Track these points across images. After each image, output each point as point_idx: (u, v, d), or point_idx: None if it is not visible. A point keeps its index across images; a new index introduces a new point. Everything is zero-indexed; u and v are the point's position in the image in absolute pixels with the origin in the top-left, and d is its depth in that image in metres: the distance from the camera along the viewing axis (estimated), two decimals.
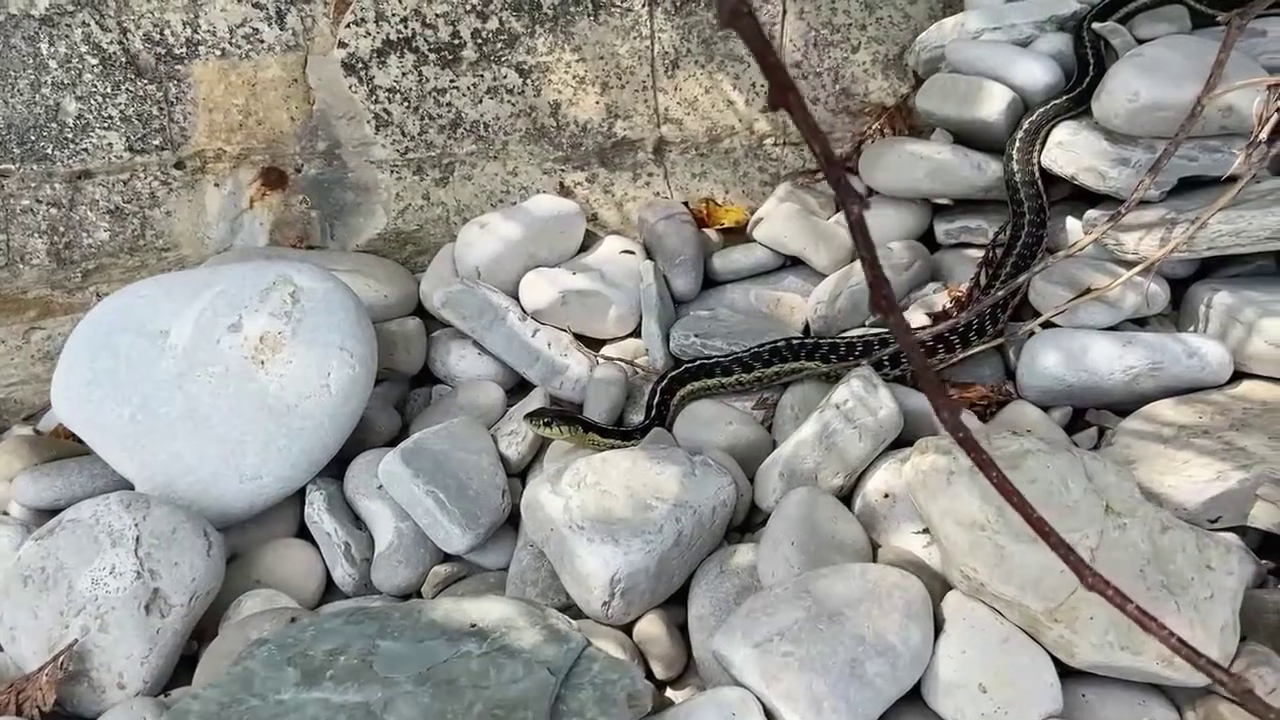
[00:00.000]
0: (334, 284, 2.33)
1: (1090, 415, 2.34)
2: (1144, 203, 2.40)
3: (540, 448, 2.35)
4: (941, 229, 2.75)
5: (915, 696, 1.66)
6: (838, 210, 2.99)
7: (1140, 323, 2.44)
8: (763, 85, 3.00)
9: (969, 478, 1.71)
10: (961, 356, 2.35)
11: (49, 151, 2.70)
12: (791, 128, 3.04)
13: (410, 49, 2.80)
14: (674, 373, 2.37)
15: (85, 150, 2.72)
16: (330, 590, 2.21)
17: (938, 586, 1.78)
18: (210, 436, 2.19)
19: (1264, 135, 1.98)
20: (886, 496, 2.02)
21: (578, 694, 1.56)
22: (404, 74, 2.82)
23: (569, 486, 1.95)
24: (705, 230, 2.92)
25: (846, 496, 2.10)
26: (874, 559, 1.92)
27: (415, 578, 2.13)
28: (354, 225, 2.95)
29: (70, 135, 2.70)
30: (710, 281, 2.82)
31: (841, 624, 1.64)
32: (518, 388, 2.63)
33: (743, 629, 1.66)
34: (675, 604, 1.96)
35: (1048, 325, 2.39)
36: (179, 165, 2.81)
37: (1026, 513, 1.13)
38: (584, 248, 2.89)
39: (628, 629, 1.90)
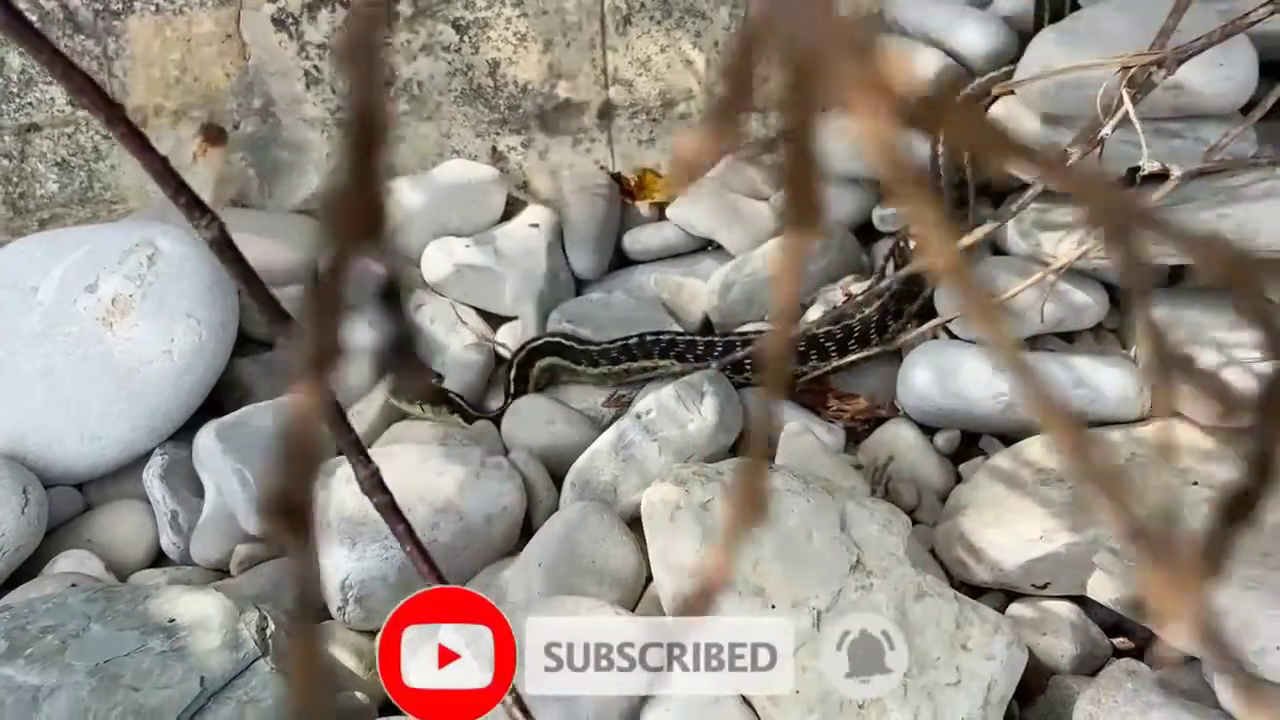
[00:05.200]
0: (193, 248, 2.31)
1: (983, 442, 2.03)
2: None
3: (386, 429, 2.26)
4: (877, 215, 2.43)
5: None
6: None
7: (1068, 338, 2.08)
8: (722, 44, 2.74)
9: (694, 516, 1.50)
10: (835, 365, 2.07)
11: None
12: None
13: (342, 3, 2.72)
14: (532, 345, 2.19)
15: (30, 104, 2.80)
16: (162, 556, 2.21)
17: None
18: (60, 396, 2.23)
19: (1109, 129, 1.59)
20: None
21: (220, 709, 1.48)
22: (335, 29, 2.73)
23: (341, 480, 1.85)
24: (636, 204, 2.72)
25: None
26: (642, 593, 1.73)
27: (223, 554, 2.08)
28: (289, 184, 2.92)
29: (15, 90, 2.78)
30: (629, 261, 2.62)
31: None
32: None
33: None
34: None
35: (952, 335, 2.08)
36: None
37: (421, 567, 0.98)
38: (507, 217, 2.75)
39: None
